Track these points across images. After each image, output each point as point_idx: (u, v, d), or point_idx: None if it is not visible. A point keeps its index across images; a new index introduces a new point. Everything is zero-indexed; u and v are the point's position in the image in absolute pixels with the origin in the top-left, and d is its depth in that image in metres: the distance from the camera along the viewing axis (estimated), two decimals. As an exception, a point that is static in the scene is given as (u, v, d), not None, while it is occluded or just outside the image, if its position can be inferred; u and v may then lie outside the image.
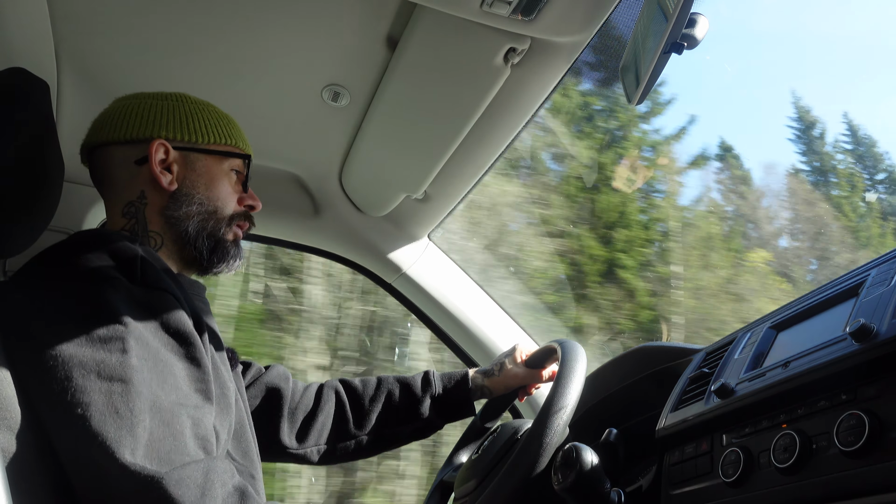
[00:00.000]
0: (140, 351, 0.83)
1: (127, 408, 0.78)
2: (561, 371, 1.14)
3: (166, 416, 0.81)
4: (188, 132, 1.11)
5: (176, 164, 1.09)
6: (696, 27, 0.86)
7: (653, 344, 1.44)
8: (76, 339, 0.81)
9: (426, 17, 1.14)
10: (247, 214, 1.17)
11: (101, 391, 0.79)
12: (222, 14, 1.21)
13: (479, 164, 1.51)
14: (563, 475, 1.04)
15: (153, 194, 1.08)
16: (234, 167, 1.15)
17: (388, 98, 1.34)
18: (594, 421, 1.47)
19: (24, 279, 0.92)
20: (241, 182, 1.17)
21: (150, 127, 1.09)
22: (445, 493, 1.38)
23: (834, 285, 1.04)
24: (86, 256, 0.89)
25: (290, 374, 1.41)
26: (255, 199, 1.19)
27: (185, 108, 1.12)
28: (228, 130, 1.15)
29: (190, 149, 1.11)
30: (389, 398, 1.38)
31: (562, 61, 1.20)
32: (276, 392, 1.33)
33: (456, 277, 1.82)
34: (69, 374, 0.79)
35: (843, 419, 0.81)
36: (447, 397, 1.39)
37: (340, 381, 1.43)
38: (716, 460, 1.00)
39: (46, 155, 1.06)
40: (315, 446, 1.36)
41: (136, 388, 0.80)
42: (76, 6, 1.18)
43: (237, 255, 1.15)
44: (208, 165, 1.12)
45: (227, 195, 1.14)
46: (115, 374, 0.80)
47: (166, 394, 0.83)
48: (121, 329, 0.83)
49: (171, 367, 0.86)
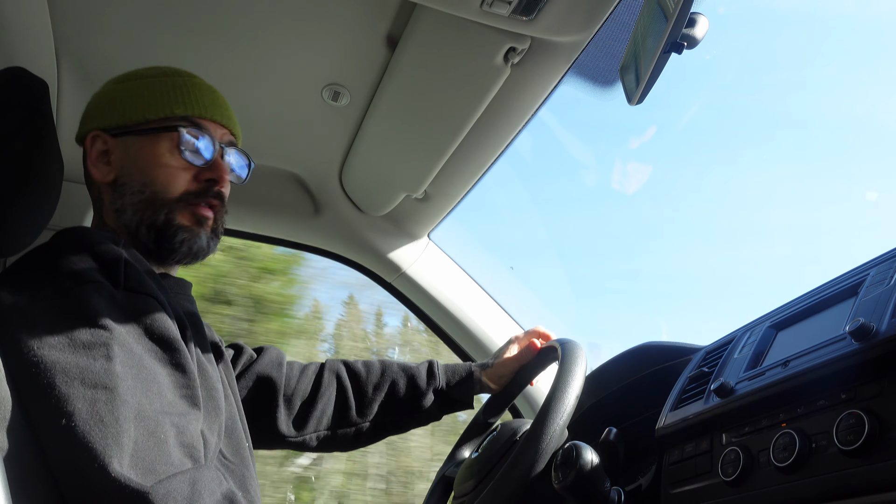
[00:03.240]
0: (124, 357, 0.80)
1: (112, 416, 0.75)
2: (560, 372, 1.13)
3: (150, 425, 0.78)
4: (119, 115, 1.02)
5: (113, 154, 1.02)
6: (696, 27, 0.86)
7: (653, 343, 1.44)
8: (59, 344, 0.79)
9: (426, 16, 1.14)
10: (207, 191, 1.03)
11: (85, 399, 0.76)
12: (222, 14, 1.21)
13: (479, 164, 1.52)
14: (562, 474, 1.04)
15: (103, 190, 1.04)
16: (181, 141, 1.00)
17: (389, 97, 1.34)
18: (594, 420, 1.47)
19: (9, 281, 0.88)
20: (197, 153, 1.02)
21: (90, 120, 1.05)
22: (447, 489, 1.38)
23: (833, 284, 1.04)
24: (69, 259, 0.86)
25: (286, 356, 1.36)
26: (220, 169, 1.03)
27: (120, 89, 1.04)
28: (166, 99, 1.01)
29: (124, 132, 1.02)
30: (393, 388, 1.36)
31: (562, 61, 1.20)
32: (269, 381, 1.28)
33: (456, 277, 1.83)
34: (52, 380, 0.77)
35: (843, 418, 0.81)
36: (450, 392, 1.38)
37: (343, 363, 1.39)
38: (715, 459, 1.00)
39: (46, 154, 1.06)
40: (314, 433, 1.32)
41: (121, 396, 0.77)
42: (76, 6, 1.19)
43: (192, 241, 1.02)
44: (143, 146, 1.01)
45: (168, 175, 1.00)
46: (99, 381, 0.77)
47: (150, 402, 0.80)
48: (105, 335, 0.80)
49: (154, 374, 0.83)
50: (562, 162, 5.68)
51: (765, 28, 6.26)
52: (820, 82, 6.18)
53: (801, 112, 6.93)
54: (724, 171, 6.52)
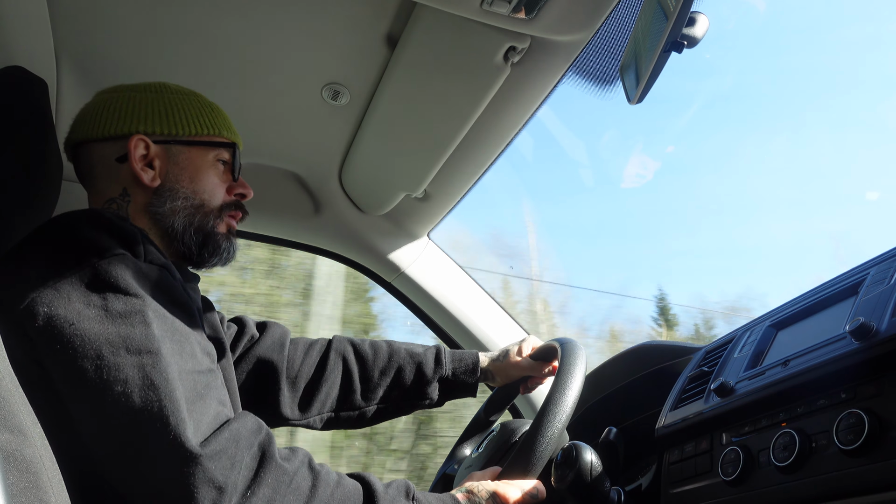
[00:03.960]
0: (159, 322, 0.85)
1: (162, 378, 0.80)
2: (559, 374, 1.12)
3: (189, 383, 0.83)
4: (168, 125, 1.08)
5: (158, 159, 1.07)
6: (696, 26, 0.86)
7: (652, 342, 1.44)
8: (97, 317, 0.82)
9: (426, 15, 1.14)
10: (238, 204, 1.14)
11: (133, 365, 0.80)
12: (222, 14, 1.21)
13: (479, 163, 1.51)
14: (562, 474, 1.04)
15: (136, 191, 1.06)
16: (220, 157, 1.12)
17: (388, 97, 1.34)
18: (594, 419, 1.47)
19: (28, 259, 0.88)
20: (229, 171, 1.14)
21: (129, 122, 1.06)
22: (448, 487, 1.38)
23: (833, 284, 1.04)
24: (89, 234, 0.88)
25: (290, 334, 1.37)
26: (246, 186, 1.15)
27: (164, 100, 1.09)
28: (211, 119, 1.12)
29: (171, 141, 1.08)
30: (399, 374, 1.36)
31: (562, 60, 1.20)
32: (270, 364, 1.29)
33: (455, 276, 1.82)
34: (98, 352, 0.80)
35: (843, 418, 0.81)
36: (454, 380, 1.38)
37: (350, 343, 1.39)
38: (715, 459, 1.00)
39: (45, 154, 1.06)
40: (318, 415, 1.33)
41: (165, 358, 0.82)
42: (76, 6, 1.18)
43: (230, 248, 1.13)
44: (191, 157, 1.09)
45: (213, 186, 1.11)
46: (142, 346, 0.81)
47: (185, 361, 0.85)
48: (138, 302, 0.84)
49: (185, 335, 0.88)
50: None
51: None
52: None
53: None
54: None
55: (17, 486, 0.68)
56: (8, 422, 0.79)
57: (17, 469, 0.72)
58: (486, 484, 1.02)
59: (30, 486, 0.72)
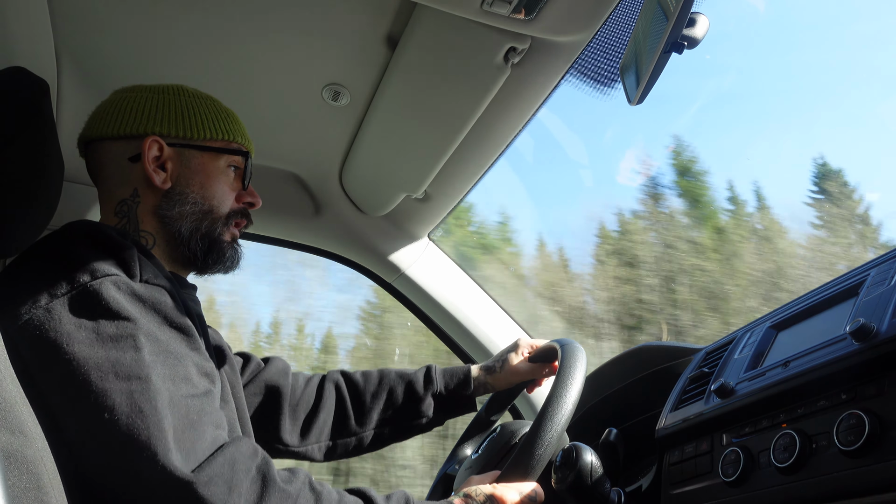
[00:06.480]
0: (151, 346, 0.83)
1: (150, 405, 0.78)
2: (559, 376, 1.12)
3: (182, 409, 0.81)
4: (183, 127, 1.07)
5: (170, 162, 1.06)
6: (697, 27, 0.86)
7: (652, 343, 1.44)
8: (87, 340, 0.81)
9: (426, 16, 1.14)
10: (245, 212, 1.14)
11: (121, 392, 0.79)
12: (222, 14, 1.21)
13: (479, 164, 1.51)
14: (562, 475, 1.04)
15: (146, 192, 1.06)
16: (232, 163, 1.12)
17: (389, 97, 1.34)
18: (594, 420, 1.47)
19: (20, 277, 0.89)
20: (239, 179, 1.13)
21: (144, 123, 1.07)
22: (448, 487, 1.37)
23: (834, 285, 1.04)
24: (83, 253, 0.88)
25: (291, 367, 1.38)
26: (255, 195, 1.15)
27: (181, 103, 1.09)
28: (227, 125, 1.11)
29: (185, 145, 1.08)
30: (391, 395, 1.37)
31: (562, 61, 1.20)
32: (276, 390, 1.31)
33: (456, 277, 1.82)
34: (87, 377, 0.79)
35: (843, 418, 0.81)
36: (449, 396, 1.38)
37: (342, 373, 1.41)
38: (716, 460, 1.00)
39: (46, 154, 1.06)
40: (317, 443, 1.34)
41: (155, 385, 0.80)
42: (76, 6, 1.18)
43: (234, 256, 1.13)
44: (204, 162, 1.09)
45: (223, 193, 1.10)
46: (132, 372, 0.80)
47: (178, 387, 0.83)
48: (129, 326, 0.83)
49: (179, 358, 0.86)
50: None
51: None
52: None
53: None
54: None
55: (18, 487, 0.68)
56: (9, 422, 0.79)
57: (18, 469, 0.72)
58: (484, 487, 1.02)
59: (31, 487, 0.72)
